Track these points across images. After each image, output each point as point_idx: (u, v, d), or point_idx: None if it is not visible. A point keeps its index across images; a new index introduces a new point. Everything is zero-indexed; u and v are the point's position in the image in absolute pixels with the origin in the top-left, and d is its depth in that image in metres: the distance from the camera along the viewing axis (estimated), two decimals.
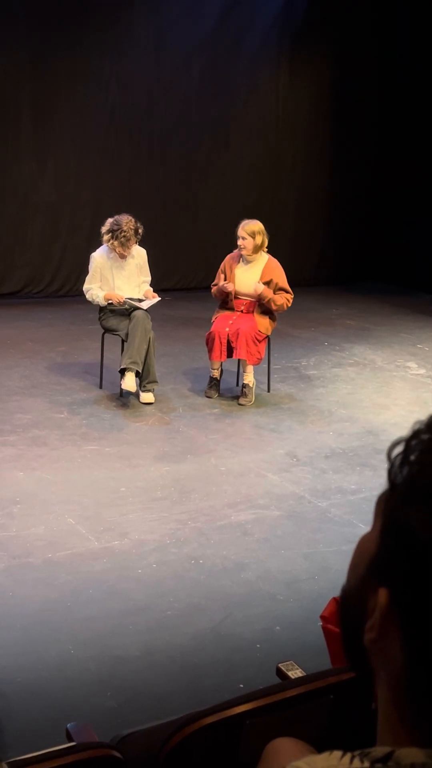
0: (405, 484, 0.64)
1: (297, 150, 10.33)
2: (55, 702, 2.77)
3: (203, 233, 9.56)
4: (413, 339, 8.12)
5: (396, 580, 0.63)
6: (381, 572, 0.65)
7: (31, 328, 7.86)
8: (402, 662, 0.63)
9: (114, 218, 5.77)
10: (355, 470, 4.83)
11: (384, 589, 0.64)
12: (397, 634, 0.63)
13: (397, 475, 0.65)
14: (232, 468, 4.80)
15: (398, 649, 0.63)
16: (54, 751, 1.44)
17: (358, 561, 0.70)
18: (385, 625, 0.64)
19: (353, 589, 0.70)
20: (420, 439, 0.65)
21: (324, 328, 8.41)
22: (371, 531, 0.69)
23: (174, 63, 9.31)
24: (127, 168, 9.29)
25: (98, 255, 5.84)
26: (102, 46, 8.90)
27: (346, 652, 0.71)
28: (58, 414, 5.54)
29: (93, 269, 5.84)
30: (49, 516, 4.10)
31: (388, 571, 0.64)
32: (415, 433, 0.66)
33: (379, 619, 0.64)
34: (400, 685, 0.64)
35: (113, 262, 5.82)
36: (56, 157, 8.94)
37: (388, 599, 0.64)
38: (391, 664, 0.64)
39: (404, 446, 0.65)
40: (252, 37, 9.75)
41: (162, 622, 3.27)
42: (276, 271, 5.84)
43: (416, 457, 0.64)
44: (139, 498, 4.36)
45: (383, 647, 0.65)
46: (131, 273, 5.89)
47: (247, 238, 5.76)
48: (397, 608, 0.63)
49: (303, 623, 3.25)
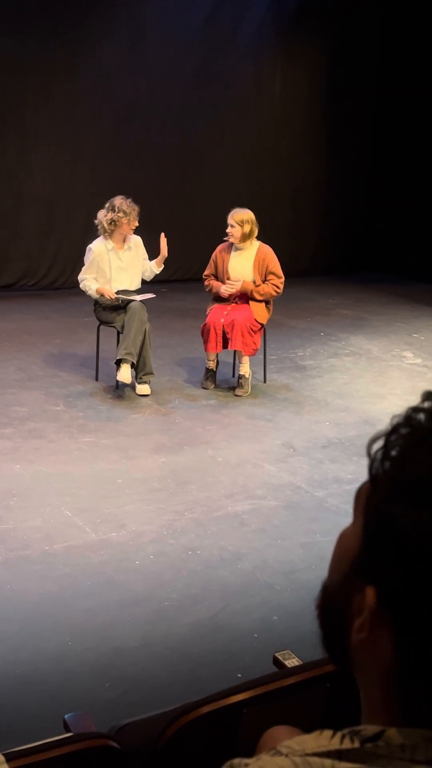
0: (388, 480, 0.63)
1: (293, 140, 10.30)
2: (54, 693, 2.78)
3: (199, 224, 9.53)
4: (409, 328, 8.12)
5: (383, 578, 0.62)
6: (366, 570, 0.64)
7: (27, 320, 7.85)
8: (391, 657, 0.63)
9: (106, 204, 5.76)
10: (351, 460, 4.84)
11: (371, 588, 0.63)
12: (386, 630, 0.63)
13: (378, 470, 0.64)
14: (229, 459, 4.81)
15: (387, 644, 0.63)
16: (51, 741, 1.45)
17: (340, 557, 0.69)
18: (374, 623, 0.63)
19: (336, 586, 0.69)
20: (399, 434, 0.64)
21: (320, 318, 8.41)
22: (352, 526, 0.68)
23: (169, 53, 9.26)
24: (122, 159, 9.25)
25: (95, 247, 5.82)
26: (96, 36, 8.85)
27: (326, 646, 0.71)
28: (55, 406, 5.54)
29: (90, 260, 5.81)
30: (47, 508, 4.10)
31: (374, 570, 0.63)
32: (394, 427, 0.64)
33: (369, 618, 0.64)
34: (389, 677, 0.64)
35: (111, 254, 5.80)
36: (51, 149, 8.90)
37: (375, 599, 0.63)
38: (380, 658, 0.64)
39: (384, 441, 0.64)
40: (247, 26, 9.70)
41: (160, 612, 3.28)
42: (268, 255, 5.84)
43: (398, 452, 0.63)
44: (136, 489, 4.36)
45: (372, 643, 0.64)
46: (128, 265, 5.87)
47: (235, 226, 5.75)
48: (386, 607, 0.62)
49: (300, 612, 3.26)
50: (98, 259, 5.78)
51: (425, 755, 0.61)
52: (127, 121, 9.26)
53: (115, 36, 8.97)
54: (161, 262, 5.96)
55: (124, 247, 5.83)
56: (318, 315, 8.56)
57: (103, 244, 5.79)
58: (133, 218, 5.70)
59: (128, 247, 5.85)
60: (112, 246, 5.78)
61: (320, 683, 1.62)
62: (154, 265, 5.96)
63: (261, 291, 5.81)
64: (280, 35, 9.92)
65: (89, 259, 5.80)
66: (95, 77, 8.99)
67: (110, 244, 5.77)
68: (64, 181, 9.02)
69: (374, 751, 0.61)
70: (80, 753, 1.44)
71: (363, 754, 0.61)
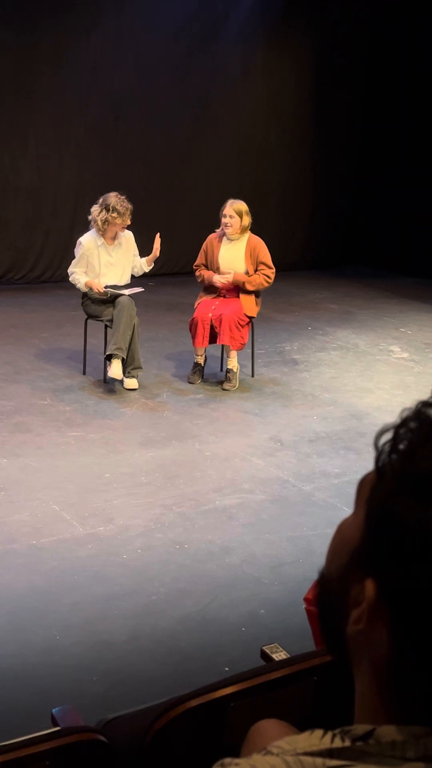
0: (394, 473, 0.63)
1: (281, 133, 10.29)
2: (41, 687, 2.77)
3: (187, 217, 9.51)
4: (396, 323, 8.14)
5: (384, 571, 0.62)
6: (367, 562, 0.64)
7: (14, 314, 7.81)
8: (386, 649, 0.63)
9: (100, 200, 5.73)
10: (339, 454, 4.85)
11: (371, 580, 0.63)
12: (384, 623, 0.63)
13: (385, 463, 0.64)
14: (217, 453, 4.81)
15: (383, 637, 0.63)
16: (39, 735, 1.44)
17: (339, 547, 0.69)
18: (372, 615, 0.63)
19: (334, 576, 0.69)
20: (409, 428, 0.64)
21: (307, 313, 8.41)
22: (353, 516, 0.68)
23: (156, 44, 9.22)
24: (109, 151, 9.21)
25: (86, 240, 5.79)
26: (83, 26, 8.79)
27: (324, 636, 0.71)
28: (42, 400, 5.52)
29: (80, 254, 5.79)
30: (34, 502, 4.10)
31: (375, 562, 0.63)
32: (403, 421, 0.64)
33: (367, 610, 0.64)
34: (383, 670, 0.64)
35: (101, 249, 5.77)
36: (37, 140, 8.85)
37: (375, 591, 0.63)
38: (374, 650, 0.64)
39: (393, 434, 0.64)
40: (235, 18, 9.67)
41: (148, 606, 3.28)
42: (259, 246, 5.84)
43: (406, 446, 0.63)
44: (123, 484, 4.36)
45: (368, 636, 0.64)
46: (118, 261, 5.85)
47: (234, 216, 5.74)
48: (386, 600, 0.62)
49: (287, 606, 3.27)
50: (88, 254, 5.76)
51: (415, 753, 0.61)
52: (114, 113, 9.22)
53: (102, 27, 8.92)
54: (152, 261, 5.93)
55: (115, 243, 5.81)
56: (306, 309, 8.57)
57: (93, 238, 5.76)
58: (126, 218, 5.68)
59: (119, 243, 5.83)
60: (102, 241, 5.75)
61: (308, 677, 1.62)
62: (144, 263, 5.94)
63: (253, 282, 5.80)
64: (269, 27, 9.90)
65: (79, 254, 5.78)
66: (82, 68, 8.93)
67: (100, 239, 5.75)
68: (50, 173, 8.97)
69: (365, 749, 0.62)
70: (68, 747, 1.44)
71: (353, 753, 0.62)
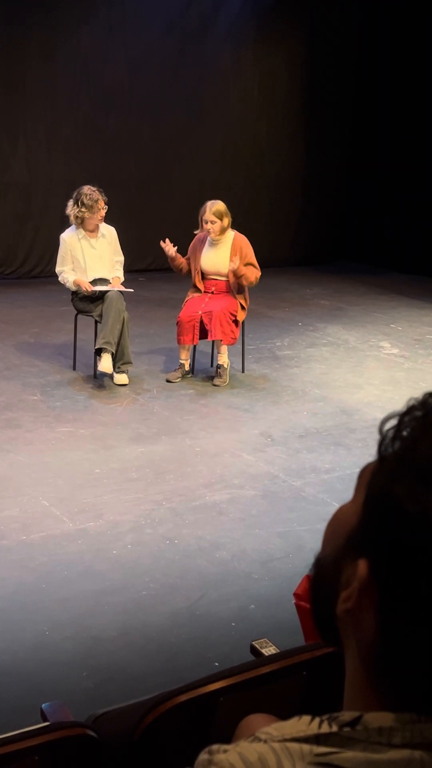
0: (395, 458, 0.64)
1: (271, 130, 10.28)
2: (31, 682, 2.77)
3: (177, 213, 9.49)
4: (386, 319, 8.16)
5: (378, 552, 0.63)
6: (362, 544, 0.65)
7: (3, 309, 7.79)
8: (374, 632, 0.64)
9: (74, 194, 5.72)
10: (329, 449, 4.86)
11: (364, 560, 0.64)
12: (372, 604, 0.64)
13: (387, 448, 0.66)
14: (207, 448, 4.81)
15: (372, 619, 0.64)
16: (28, 731, 1.44)
17: (335, 531, 0.70)
18: (362, 595, 0.64)
19: (329, 558, 0.70)
20: (413, 416, 0.65)
21: (298, 309, 8.42)
22: (352, 502, 0.69)
23: (147, 41, 9.20)
24: (99, 148, 9.18)
25: (67, 236, 5.79)
26: (74, 22, 8.76)
27: (316, 620, 0.72)
28: (32, 396, 5.51)
29: (63, 251, 5.78)
30: (23, 498, 4.09)
31: (371, 543, 0.64)
32: (409, 409, 0.66)
33: (357, 589, 0.64)
34: (371, 654, 0.65)
35: (83, 242, 5.76)
36: (27, 136, 8.82)
37: (368, 570, 0.64)
38: (363, 633, 0.65)
39: (397, 421, 0.66)
40: (226, 13, 9.65)
41: (138, 602, 3.29)
42: (244, 245, 5.81)
43: (409, 432, 0.65)
44: (113, 479, 4.36)
45: (356, 617, 0.65)
46: (103, 252, 5.84)
47: (216, 221, 5.71)
48: (377, 580, 0.63)
49: (277, 601, 3.28)
50: (70, 248, 5.75)
51: (402, 739, 0.62)
52: (104, 109, 9.19)
53: (93, 22, 8.89)
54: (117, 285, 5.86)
55: (98, 234, 5.80)
56: (296, 305, 8.57)
57: (74, 233, 5.76)
58: (96, 210, 5.66)
59: (102, 234, 5.81)
60: (83, 234, 5.74)
61: (297, 671, 1.63)
62: (116, 277, 5.89)
63: (250, 276, 5.76)
64: (259, 23, 9.88)
65: (62, 250, 5.78)
66: (72, 64, 8.91)
67: (81, 232, 5.74)
68: (40, 168, 8.94)
69: (352, 735, 0.62)
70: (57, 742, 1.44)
71: (341, 739, 0.62)
